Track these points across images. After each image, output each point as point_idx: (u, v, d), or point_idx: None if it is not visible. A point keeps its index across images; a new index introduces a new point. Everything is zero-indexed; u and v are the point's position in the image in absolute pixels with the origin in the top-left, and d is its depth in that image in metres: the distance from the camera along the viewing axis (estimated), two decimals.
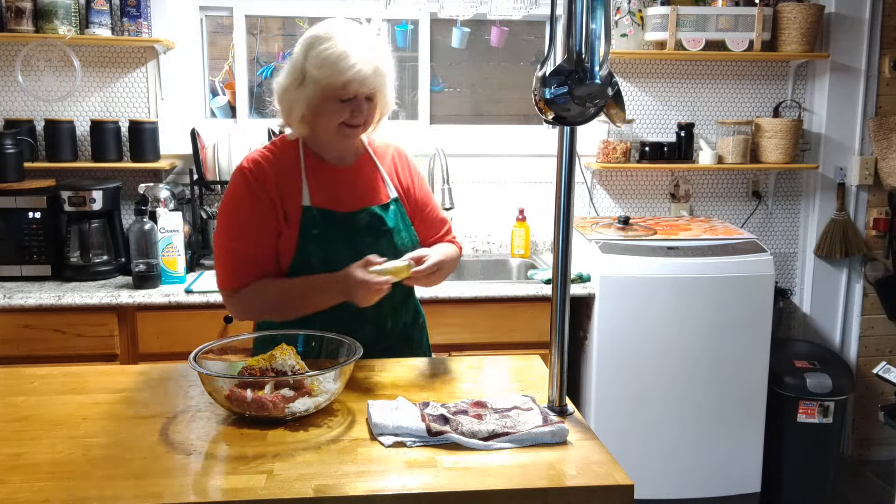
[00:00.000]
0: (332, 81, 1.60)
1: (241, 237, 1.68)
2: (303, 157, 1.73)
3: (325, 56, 1.60)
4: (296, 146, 1.74)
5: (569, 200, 1.42)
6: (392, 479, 1.21)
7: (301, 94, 1.64)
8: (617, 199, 3.36)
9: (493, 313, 2.68)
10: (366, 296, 1.60)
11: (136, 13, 2.86)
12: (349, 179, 1.77)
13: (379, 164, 1.81)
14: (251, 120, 3.27)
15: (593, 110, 1.38)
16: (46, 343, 2.50)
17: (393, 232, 1.77)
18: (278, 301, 1.69)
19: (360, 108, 1.65)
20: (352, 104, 1.64)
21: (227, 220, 1.71)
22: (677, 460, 2.78)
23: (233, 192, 1.70)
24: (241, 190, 1.69)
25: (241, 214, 1.68)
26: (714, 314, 2.72)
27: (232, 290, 1.70)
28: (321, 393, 1.44)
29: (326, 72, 1.60)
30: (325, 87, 1.61)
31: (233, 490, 1.17)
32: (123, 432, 1.37)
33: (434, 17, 3.22)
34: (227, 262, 1.70)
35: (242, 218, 1.68)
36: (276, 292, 1.69)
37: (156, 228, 2.62)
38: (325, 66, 1.60)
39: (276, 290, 1.69)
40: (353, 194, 1.76)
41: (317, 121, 1.67)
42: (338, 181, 1.75)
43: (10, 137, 2.72)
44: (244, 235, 1.68)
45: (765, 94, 3.34)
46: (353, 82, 1.61)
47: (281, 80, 1.68)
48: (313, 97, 1.63)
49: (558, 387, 1.46)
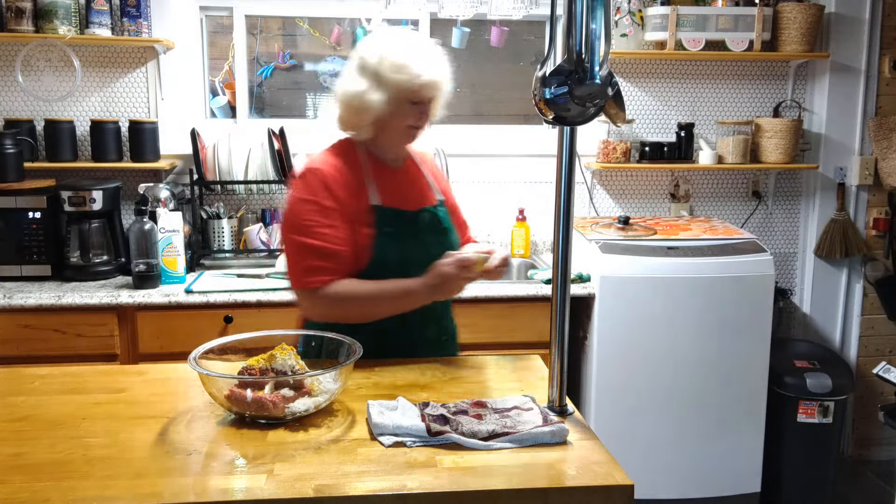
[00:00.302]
0: (409, 85, 1.69)
1: (318, 235, 1.69)
2: (365, 160, 1.78)
3: (402, 61, 1.68)
4: (354, 149, 1.79)
5: (569, 200, 1.42)
6: (392, 479, 1.21)
7: (376, 97, 1.69)
8: (617, 199, 3.36)
9: (493, 313, 2.68)
10: (455, 289, 1.70)
11: (136, 13, 2.86)
12: (405, 180, 1.85)
13: (421, 167, 1.90)
14: (251, 120, 3.27)
15: (593, 110, 1.38)
16: (46, 343, 2.50)
17: (449, 231, 1.86)
18: (369, 303, 1.71)
19: (426, 110, 1.76)
20: (420, 107, 1.73)
21: (302, 218, 1.70)
22: (677, 460, 2.78)
23: (304, 193, 1.72)
24: (313, 190, 1.71)
25: (316, 213, 1.70)
26: (714, 314, 2.72)
27: (312, 289, 1.70)
28: (321, 393, 1.44)
29: (404, 76, 1.68)
30: (401, 91, 1.69)
31: (233, 490, 1.17)
32: (123, 432, 1.37)
33: (434, 17, 3.22)
34: (305, 260, 1.70)
35: (317, 217, 1.70)
36: (365, 294, 1.70)
37: (156, 228, 2.62)
38: (402, 71, 1.68)
39: (365, 293, 1.70)
40: (412, 194, 1.84)
41: (388, 123, 1.74)
42: (398, 182, 1.82)
43: (10, 137, 2.72)
44: (321, 233, 1.69)
45: (765, 94, 3.34)
46: (427, 86, 1.71)
47: (350, 86, 1.72)
48: (389, 100, 1.70)
49: (558, 387, 1.46)
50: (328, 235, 1.69)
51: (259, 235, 2.97)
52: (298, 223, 1.70)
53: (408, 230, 1.77)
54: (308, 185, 1.71)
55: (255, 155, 2.93)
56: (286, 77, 3.38)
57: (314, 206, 1.70)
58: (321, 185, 1.70)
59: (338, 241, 1.70)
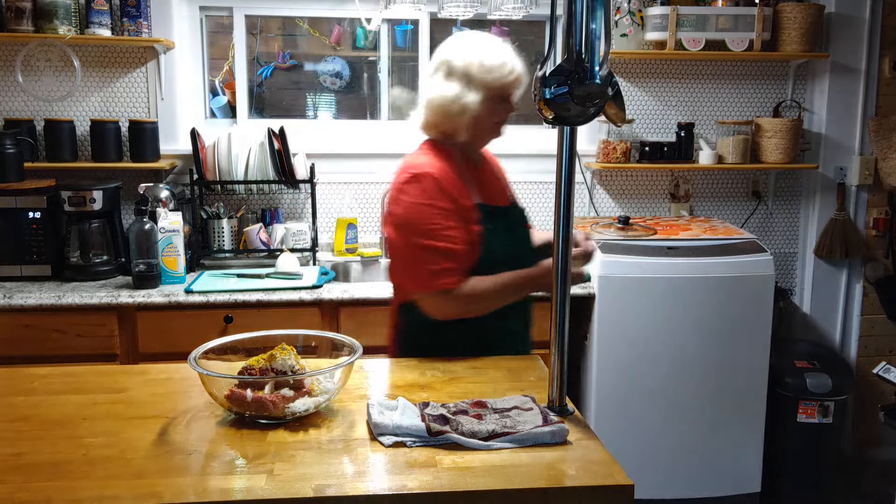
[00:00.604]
0: (501, 82, 1.78)
1: (443, 238, 1.72)
2: (459, 159, 1.84)
3: (492, 62, 1.77)
4: (444, 150, 1.84)
5: (569, 200, 1.42)
6: (392, 479, 1.21)
7: (471, 98, 1.77)
8: (617, 199, 3.36)
9: None
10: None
11: (136, 13, 2.86)
12: (492, 177, 1.94)
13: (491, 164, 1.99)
14: (251, 120, 3.27)
15: (593, 110, 1.38)
16: (46, 343, 2.50)
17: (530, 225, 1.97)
18: (493, 298, 1.78)
19: (512, 107, 1.84)
20: (507, 104, 1.83)
21: (425, 222, 1.73)
22: (677, 460, 2.78)
23: (421, 197, 1.74)
24: (430, 193, 1.74)
25: (437, 216, 1.73)
26: (714, 314, 2.72)
27: (444, 291, 1.73)
28: (321, 393, 1.44)
29: (496, 74, 1.77)
30: (494, 89, 1.78)
31: (233, 490, 1.17)
32: (123, 432, 1.37)
33: (434, 17, 3.22)
34: (434, 263, 1.72)
35: (439, 219, 1.73)
36: (491, 290, 1.77)
37: (156, 228, 2.62)
38: (494, 71, 1.77)
39: (491, 288, 1.77)
40: (498, 191, 1.93)
41: (481, 122, 1.80)
42: (487, 179, 1.91)
43: (10, 137, 2.72)
44: (446, 235, 1.73)
45: (765, 94, 3.34)
46: (516, 82, 1.81)
47: (444, 92, 1.78)
48: (483, 100, 1.77)
49: (558, 387, 1.46)
50: (452, 237, 1.73)
51: (259, 235, 2.97)
52: (423, 227, 1.73)
53: (507, 225, 1.85)
54: (424, 190, 1.74)
55: (255, 155, 2.93)
56: (286, 77, 3.38)
57: (433, 209, 1.73)
58: (436, 187, 1.74)
59: (460, 241, 1.74)
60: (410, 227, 1.74)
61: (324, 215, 3.21)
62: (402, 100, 3.35)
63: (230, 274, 2.78)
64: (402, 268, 1.82)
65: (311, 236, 3.00)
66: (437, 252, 1.72)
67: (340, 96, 3.39)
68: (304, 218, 3.17)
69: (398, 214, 1.77)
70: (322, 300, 2.59)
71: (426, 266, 1.73)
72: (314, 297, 2.58)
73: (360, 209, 3.22)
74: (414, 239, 1.74)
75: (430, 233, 1.72)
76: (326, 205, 3.21)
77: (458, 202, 1.76)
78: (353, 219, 3.11)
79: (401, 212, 1.76)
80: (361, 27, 3.30)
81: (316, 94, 3.39)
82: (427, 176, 1.75)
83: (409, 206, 1.75)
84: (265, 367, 1.46)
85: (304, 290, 2.60)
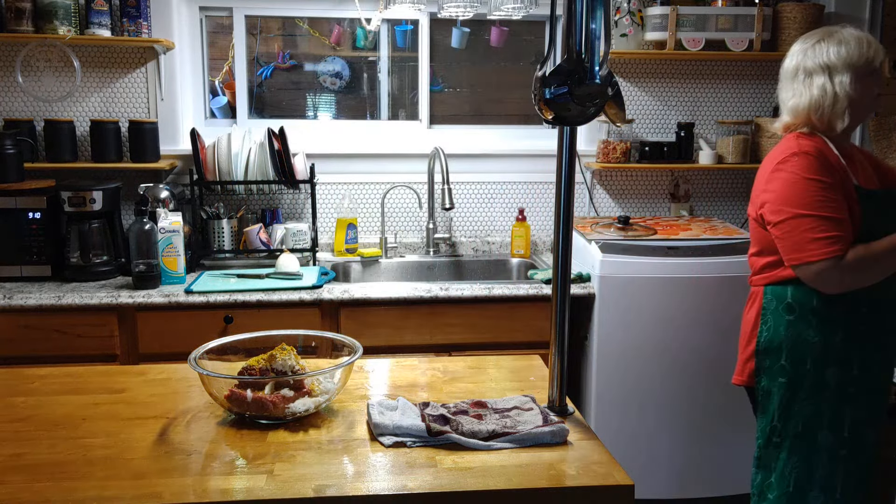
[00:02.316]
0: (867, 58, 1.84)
1: (828, 208, 1.78)
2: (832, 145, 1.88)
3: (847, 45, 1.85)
4: (815, 137, 1.89)
5: (569, 200, 1.43)
6: (392, 479, 1.21)
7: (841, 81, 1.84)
8: (617, 199, 3.36)
9: (493, 313, 2.68)
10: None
11: (136, 13, 2.86)
12: (861, 161, 1.94)
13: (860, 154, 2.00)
14: (251, 120, 3.27)
15: (593, 110, 1.38)
16: (46, 343, 2.50)
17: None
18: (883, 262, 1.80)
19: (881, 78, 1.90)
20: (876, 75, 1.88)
21: (806, 194, 1.80)
22: (677, 460, 2.78)
23: (806, 171, 1.81)
24: (817, 169, 1.81)
25: (826, 188, 1.79)
26: (714, 314, 2.72)
27: (835, 259, 1.78)
28: (321, 393, 1.44)
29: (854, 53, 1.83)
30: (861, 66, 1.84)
31: (233, 490, 1.17)
32: (123, 432, 1.37)
33: (434, 17, 3.22)
34: (822, 232, 1.78)
35: (828, 191, 1.79)
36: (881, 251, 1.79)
37: (156, 229, 2.62)
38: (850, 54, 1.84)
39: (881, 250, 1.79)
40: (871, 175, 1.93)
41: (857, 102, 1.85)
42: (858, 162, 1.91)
43: (10, 138, 2.72)
44: (830, 206, 1.79)
45: (765, 94, 3.34)
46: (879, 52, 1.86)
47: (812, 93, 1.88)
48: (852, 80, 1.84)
49: (558, 387, 1.46)
50: (836, 207, 1.79)
51: (259, 235, 2.97)
52: (805, 200, 1.80)
53: (883, 208, 1.86)
54: (810, 166, 1.81)
55: (255, 155, 2.93)
56: (286, 77, 3.38)
57: (815, 182, 1.79)
58: (817, 163, 1.81)
59: (844, 212, 1.80)
60: (792, 200, 1.81)
61: (324, 215, 3.21)
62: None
63: (230, 274, 2.78)
64: (782, 241, 1.85)
65: (311, 236, 3.00)
66: (821, 220, 1.78)
67: (340, 96, 3.39)
68: (304, 218, 3.17)
69: (776, 190, 1.84)
70: (322, 300, 2.59)
71: (810, 234, 1.79)
72: (314, 298, 2.58)
73: (360, 209, 3.22)
74: (796, 210, 1.80)
75: (813, 204, 1.78)
76: (326, 205, 3.21)
77: (838, 178, 1.81)
78: (353, 219, 3.11)
79: (779, 187, 1.84)
80: (361, 27, 3.31)
81: (316, 95, 3.39)
82: (806, 154, 1.82)
83: (788, 180, 1.82)
84: (265, 367, 1.46)
85: (304, 291, 2.60)
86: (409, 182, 3.19)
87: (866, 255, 1.78)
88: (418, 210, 3.25)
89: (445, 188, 2.91)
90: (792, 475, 1.92)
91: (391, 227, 3.24)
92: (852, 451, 1.91)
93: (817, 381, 1.88)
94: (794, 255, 1.83)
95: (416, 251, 3.23)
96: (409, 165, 3.20)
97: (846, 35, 1.87)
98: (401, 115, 3.37)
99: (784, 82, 1.98)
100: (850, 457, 1.91)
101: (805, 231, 1.79)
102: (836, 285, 1.82)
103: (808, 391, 1.89)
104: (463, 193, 3.25)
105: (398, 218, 3.25)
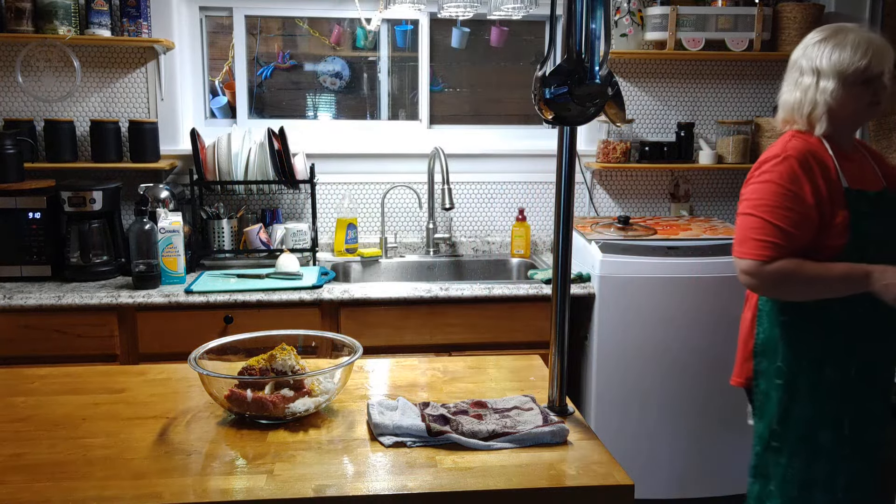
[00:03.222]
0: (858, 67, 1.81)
1: (785, 217, 1.80)
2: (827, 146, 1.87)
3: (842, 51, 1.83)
4: (812, 139, 1.89)
5: (569, 200, 1.43)
6: (392, 479, 1.21)
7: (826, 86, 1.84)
8: (617, 199, 3.36)
9: (493, 313, 2.68)
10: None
11: (136, 13, 2.86)
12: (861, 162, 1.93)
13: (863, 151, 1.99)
14: (251, 120, 3.27)
15: (593, 110, 1.38)
16: (46, 343, 2.50)
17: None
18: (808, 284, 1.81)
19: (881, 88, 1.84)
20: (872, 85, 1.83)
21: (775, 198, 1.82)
22: (677, 460, 2.78)
23: (782, 175, 1.82)
24: (788, 177, 1.82)
25: (790, 197, 1.80)
26: (714, 314, 2.72)
27: (761, 263, 1.81)
28: (321, 393, 1.44)
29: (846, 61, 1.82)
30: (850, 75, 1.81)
31: (233, 490, 1.17)
32: (123, 432, 1.37)
33: (434, 17, 3.22)
34: (767, 235, 1.81)
35: (790, 200, 1.80)
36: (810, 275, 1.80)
37: (156, 229, 2.62)
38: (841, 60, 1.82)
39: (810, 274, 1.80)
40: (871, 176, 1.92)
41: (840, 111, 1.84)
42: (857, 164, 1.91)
43: (10, 138, 2.72)
44: (789, 216, 1.80)
45: (765, 94, 3.34)
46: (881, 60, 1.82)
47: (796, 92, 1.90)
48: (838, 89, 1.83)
49: (558, 387, 1.46)
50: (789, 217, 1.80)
51: (259, 235, 2.97)
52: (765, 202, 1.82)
53: (875, 210, 1.85)
54: (789, 170, 1.82)
55: (255, 155, 2.93)
56: (286, 77, 3.38)
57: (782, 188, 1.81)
58: (792, 172, 1.81)
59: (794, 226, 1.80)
60: (753, 199, 1.86)
61: (324, 215, 3.21)
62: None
63: (230, 274, 2.78)
64: (736, 233, 1.90)
65: (310, 236, 3.00)
66: (766, 224, 1.81)
67: (340, 96, 3.39)
68: (304, 218, 3.17)
69: (751, 189, 1.89)
70: (322, 300, 2.59)
71: (751, 233, 1.83)
72: (314, 298, 2.58)
73: (360, 209, 3.22)
74: (751, 210, 1.85)
75: (766, 208, 1.82)
76: (326, 205, 3.21)
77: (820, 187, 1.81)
78: (353, 219, 3.11)
79: (753, 186, 1.88)
80: (361, 27, 3.31)
81: (316, 95, 3.39)
82: (787, 158, 1.83)
83: (761, 181, 1.86)
84: (265, 367, 1.46)
85: (304, 291, 2.60)
86: (409, 182, 3.19)
87: (794, 272, 1.79)
88: (418, 210, 3.25)
89: (445, 188, 2.91)
90: (794, 480, 1.91)
91: (391, 227, 3.24)
92: (854, 451, 1.90)
93: (815, 382, 1.88)
94: (735, 248, 1.89)
95: (416, 251, 3.23)
96: (409, 165, 3.20)
97: (849, 39, 1.84)
98: (401, 115, 3.37)
99: (786, 73, 1.99)
100: (851, 456, 1.91)
101: (748, 229, 1.84)
102: (756, 288, 1.87)
103: (807, 392, 1.89)
104: (463, 193, 3.25)
105: (398, 218, 3.25)
